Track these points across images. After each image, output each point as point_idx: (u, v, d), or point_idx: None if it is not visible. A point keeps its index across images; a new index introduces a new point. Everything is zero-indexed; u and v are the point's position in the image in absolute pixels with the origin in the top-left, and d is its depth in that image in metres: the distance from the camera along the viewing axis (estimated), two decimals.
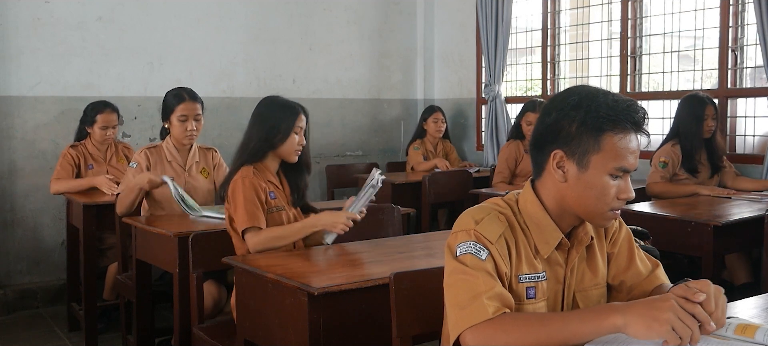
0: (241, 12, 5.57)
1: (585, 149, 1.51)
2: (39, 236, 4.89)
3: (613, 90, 5.12)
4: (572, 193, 1.55)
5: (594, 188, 1.52)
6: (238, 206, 2.71)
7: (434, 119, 5.71)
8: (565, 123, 1.53)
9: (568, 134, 1.52)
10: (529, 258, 1.59)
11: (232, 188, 2.74)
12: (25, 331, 4.41)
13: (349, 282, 2.13)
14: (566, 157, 1.54)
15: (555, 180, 1.57)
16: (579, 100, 1.52)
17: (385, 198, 4.82)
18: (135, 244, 3.40)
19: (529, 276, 1.58)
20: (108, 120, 4.38)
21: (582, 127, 1.51)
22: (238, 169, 2.78)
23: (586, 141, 1.51)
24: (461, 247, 1.52)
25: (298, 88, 5.85)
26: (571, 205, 1.57)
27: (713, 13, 4.60)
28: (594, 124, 1.49)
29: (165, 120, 3.61)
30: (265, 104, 2.91)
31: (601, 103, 1.50)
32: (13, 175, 4.78)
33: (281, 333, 2.22)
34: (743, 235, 3.42)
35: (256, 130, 2.83)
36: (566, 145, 1.53)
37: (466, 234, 1.54)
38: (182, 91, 3.62)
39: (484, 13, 5.75)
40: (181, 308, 2.98)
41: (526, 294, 1.58)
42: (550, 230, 1.59)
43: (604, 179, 1.51)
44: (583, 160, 1.52)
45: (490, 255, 1.51)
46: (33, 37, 4.78)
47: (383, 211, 3.26)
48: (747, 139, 4.54)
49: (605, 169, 1.50)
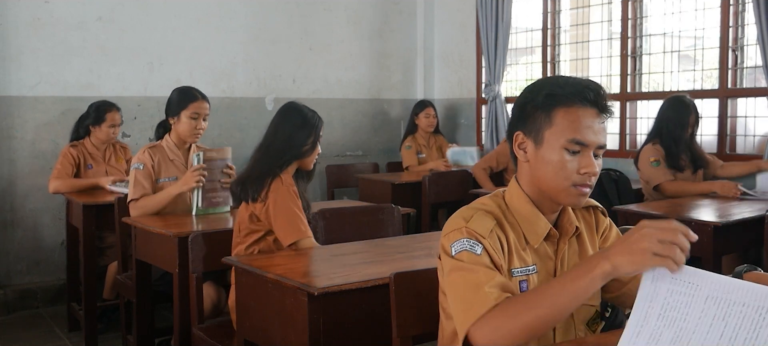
0: (241, 12, 5.57)
1: (539, 126, 1.58)
2: (39, 236, 4.89)
3: (613, 90, 5.19)
4: (536, 172, 1.60)
5: (551, 163, 1.56)
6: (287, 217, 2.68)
7: (426, 114, 5.76)
8: (522, 106, 1.62)
9: (526, 115, 1.61)
10: (519, 252, 1.61)
11: (276, 198, 2.70)
12: (25, 331, 4.41)
13: (349, 282, 2.13)
14: (525, 136, 1.61)
15: (523, 165, 1.64)
16: (534, 84, 1.64)
17: (385, 198, 4.82)
18: (135, 244, 3.40)
19: (520, 270, 1.60)
20: (116, 119, 4.44)
21: (534, 105, 1.59)
22: (275, 177, 2.74)
23: (539, 117, 1.58)
24: (456, 245, 1.54)
25: (298, 88, 5.85)
26: (539, 185, 1.61)
27: (713, 13, 4.60)
28: (544, 101, 1.57)
29: (172, 116, 3.57)
30: (296, 111, 2.87)
31: (553, 83, 1.59)
32: (13, 175, 4.78)
33: (281, 333, 2.22)
34: (743, 235, 3.42)
35: (291, 136, 2.81)
36: (524, 125, 1.61)
37: (459, 232, 1.55)
38: (194, 90, 3.62)
39: (484, 13, 5.75)
40: (181, 308, 2.98)
41: (519, 288, 1.59)
42: (538, 219, 1.63)
43: (560, 153, 1.55)
44: (539, 137, 1.58)
45: (485, 249, 1.53)
46: (33, 37, 4.78)
47: (383, 211, 3.26)
48: (747, 139, 4.54)
49: (559, 143, 1.55)
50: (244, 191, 2.77)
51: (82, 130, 4.46)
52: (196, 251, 2.83)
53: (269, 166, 2.76)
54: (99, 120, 4.39)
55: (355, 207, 3.38)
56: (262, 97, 5.69)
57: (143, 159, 3.53)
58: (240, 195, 2.79)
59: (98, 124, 4.40)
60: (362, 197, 5.17)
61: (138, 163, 3.52)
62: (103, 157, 4.50)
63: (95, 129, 4.41)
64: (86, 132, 4.45)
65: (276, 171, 2.75)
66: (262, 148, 2.84)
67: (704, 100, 4.66)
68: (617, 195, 4.12)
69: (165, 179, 3.57)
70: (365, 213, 3.26)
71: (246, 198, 2.76)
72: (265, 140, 2.85)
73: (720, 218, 3.32)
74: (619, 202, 4.01)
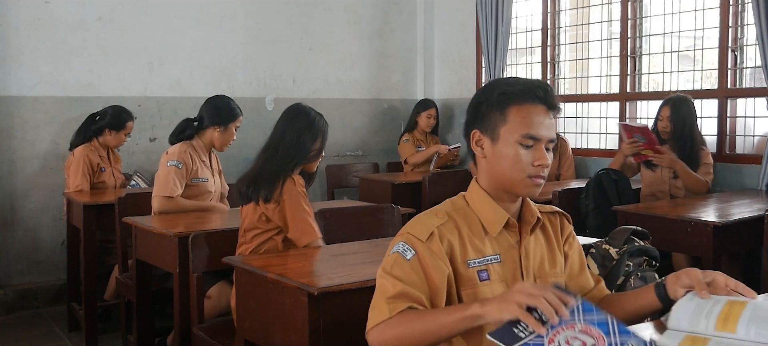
0: (241, 12, 5.57)
1: (494, 123, 1.68)
2: (39, 236, 4.89)
3: (613, 90, 5.19)
4: (493, 167, 1.70)
5: (507, 157, 1.66)
6: (300, 217, 2.72)
7: (428, 114, 5.81)
8: (477, 106, 1.72)
9: (481, 114, 1.70)
10: (473, 243, 1.68)
11: (291, 198, 2.72)
12: (25, 331, 4.41)
13: (349, 282, 2.13)
14: (482, 134, 1.70)
15: (480, 161, 1.73)
16: (486, 86, 1.75)
17: (385, 198, 4.82)
18: (135, 244, 3.40)
19: (477, 260, 1.68)
20: (131, 128, 4.55)
21: (488, 104, 1.69)
22: (287, 177, 2.75)
23: (494, 116, 1.68)
24: (395, 247, 1.65)
25: (298, 88, 5.85)
26: (497, 179, 1.70)
27: (713, 13, 4.59)
28: (498, 100, 1.67)
29: (219, 125, 3.69)
30: (304, 114, 2.89)
31: (505, 83, 1.71)
32: (13, 175, 4.78)
33: (281, 333, 2.22)
34: (743, 235, 3.42)
35: (299, 138, 2.83)
36: (480, 124, 1.71)
37: (400, 236, 1.67)
38: (237, 105, 3.80)
39: (484, 13, 5.75)
40: (181, 308, 2.98)
41: (478, 278, 1.67)
42: (494, 209, 1.71)
43: (515, 147, 1.65)
44: (495, 134, 1.68)
45: (417, 254, 1.62)
46: (33, 37, 4.78)
47: (383, 211, 3.27)
48: (746, 139, 4.54)
49: (513, 138, 1.65)
50: (256, 191, 2.77)
51: (94, 130, 4.45)
52: (196, 251, 2.83)
53: (280, 167, 2.77)
54: (118, 126, 4.44)
55: (355, 207, 3.39)
56: (262, 97, 5.69)
57: (184, 159, 3.61)
58: (250, 195, 2.79)
59: (116, 130, 4.43)
60: (362, 197, 5.17)
61: (177, 161, 3.58)
62: (108, 159, 4.53)
63: (110, 133, 4.43)
64: (98, 132, 4.45)
65: (288, 172, 2.77)
66: (271, 149, 2.84)
67: (704, 101, 4.67)
68: (617, 196, 4.12)
69: (198, 179, 3.68)
70: (365, 213, 3.26)
71: (257, 198, 2.76)
72: (273, 141, 2.86)
73: (720, 218, 3.32)
74: (618, 202, 4.01)
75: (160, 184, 3.58)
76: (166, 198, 3.55)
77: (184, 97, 5.30)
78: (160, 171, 3.64)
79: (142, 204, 3.79)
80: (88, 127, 4.47)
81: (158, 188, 3.57)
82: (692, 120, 4.19)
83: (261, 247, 2.79)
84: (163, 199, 3.55)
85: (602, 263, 2.08)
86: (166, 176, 3.57)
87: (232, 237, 2.94)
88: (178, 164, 3.58)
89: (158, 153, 5.19)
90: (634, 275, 2.05)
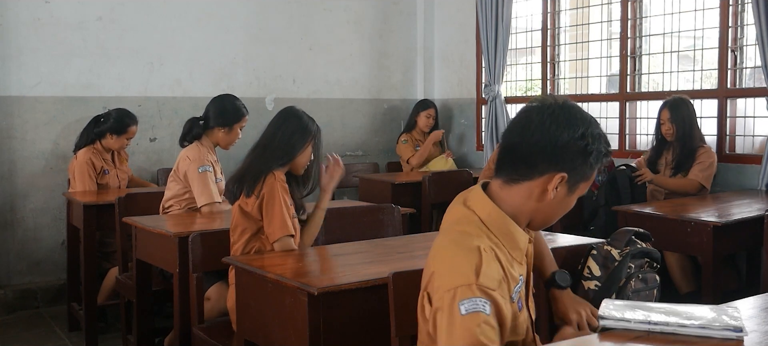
0: (241, 12, 5.57)
1: (581, 178, 1.61)
2: (39, 236, 4.89)
3: (613, 90, 5.19)
4: (548, 210, 1.62)
5: (567, 207, 1.64)
6: (275, 211, 2.71)
7: (427, 115, 5.81)
8: (573, 150, 1.58)
9: (575, 163, 1.59)
10: (511, 273, 1.60)
11: (270, 191, 2.73)
12: (25, 331, 4.41)
13: (349, 282, 2.13)
14: (566, 181, 1.60)
15: (535, 195, 1.61)
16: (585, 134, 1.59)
17: (385, 198, 4.82)
18: (135, 244, 3.40)
19: (515, 290, 1.60)
20: (134, 132, 4.53)
21: (588, 160, 1.59)
22: (269, 172, 2.77)
23: (585, 172, 1.61)
24: (466, 304, 1.47)
25: (298, 88, 5.85)
26: (533, 215, 1.64)
27: (713, 13, 4.59)
28: (596, 159, 1.60)
29: (225, 126, 3.72)
30: (295, 116, 2.91)
31: (603, 141, 1.62)
32: (13, 175, 4.78)
33: (281, 333, 2.22)
34: (743, 235, 3.42)
35: (288, 139, 2.85)
36: (571, 170, 1.59)
37: (469, 290, 1.48)
38: (242, 103, 3.82)
39: (484, 13, 5.75)
40: (181, 308, 2.98)
41: (517, 308, 1.61)
42: (519, 233, 1.63)
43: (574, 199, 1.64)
44: (575, 187, 1.62)
45: (493, 305, 1.49)
46: (33, 37, 4.77)
47: (383, 211, 3.26)
48: (746, 140, 4.54)
49: (579, 192, 1.63)
50: (240, 187, 2.80)
51: (97, 133, 4.45)
52: (196, 251, 2.83)
53: (266, 165, 2.80)
54: (120, 131, 4.44)
55: (355, 207, 3.39)
56: (262, 97, 5.69)
57: (212, 162, 3.67)
58: (234, 192, 2.82)
59: (118, 134, 4.43)
60: (362, 197, 5.17)
61: (207, 165, 3.62)
62: (113, 161, 4.54)
63: (112, 137, 4.43)
64: (100, 135, 4.45)
65: (273, 169, 2.78)
66: (260, 148, 2.88)
67: (704, 101, 4.67)
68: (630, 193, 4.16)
69: (215, 180, 3.69)
70: (365, 213, 3.26)
71: (239, 194, 2.79)
72: (263, 140, 2.89)
73: (720, 218, 3.32)
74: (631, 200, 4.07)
75: (203, 192, 3.58)
76: (214, 204, 3.58)
77: (184, 97, 5.30)
78: (195, 179, 3.60)
79: (142, 204, 3.80)
80: (91, 129, 4.47)
81: (204, 196, 3.57)
82: (692, 120, 4.20)
83: (249, 245, 2.79)
84: (213, 205, 3.58)
85: (604, 264, 2.08)
86: (203, 182, 3.59)
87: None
88: (208, 169, 3.63)
89: (158, 153, 5.21)
90: (635, 276, 2.05)
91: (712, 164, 4.15)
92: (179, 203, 3.66)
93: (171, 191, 3.70)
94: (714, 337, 1.46)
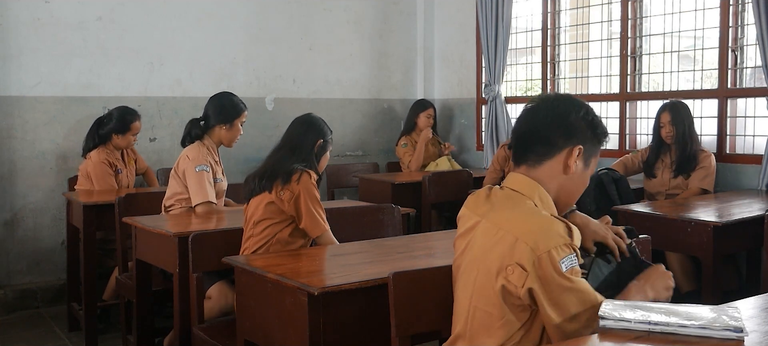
0: (241, 12, 5.57)
1: (592, 152, 1.85)
2: (39, 236, 4.89)
3: (613, 90, 5.19)
4: (570, 185, 1.83)
5: (585, 183, 1.85)
6: (317, 208, 2.84)
7: (427, 115, 5.80)
8: (582, 126, 1.81)
9: (585, 136, 1.82)
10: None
11: (307, 189, 2.82)
12: (25, 331, 4.41)
13: (349, 282, 2.13)
14: (582, 154, 1.80)
15: (558, 172, 1.80)
16: (588, 112, 1.85)
17: (385, 198, 4.83)
18: (135, 244, 3.40)
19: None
20: (138, 128, 4.55)
21: (594, 135, 1.84)
22: (304, 171, 2.85)
23: (594, 146, 1.85)
24: (566, 261, 1.65)
25: (298, 89, 5.85)
26: (559, 193, 1.82)
27: (713, 13, 4.59)
28: (603, 133, 1.87)
29: (225, 123, 3.72)
30: (320, 126, 3.06)
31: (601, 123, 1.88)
32: (13, 175, 4.78)
33: (281, 333, 2.22)
34: (743, 235, 3.42)
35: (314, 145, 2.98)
36: (584, 142, 1.81)
37: (568, 248, 1.66)
38: (240, 100, 3.83)
39: (484, 13, 5.75)
40: (181, 308, 2.98)
41: None
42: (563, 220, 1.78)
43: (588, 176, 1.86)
44: (589, 161, 1.84)
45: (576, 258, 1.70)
46: (33, 37, 4.78)
47: (383, 211, 3.27)
48: (747, 140, 4.53)
49: (591, 170, 1.87)
50: (270, 181, 2.84)
51: (102, 135, 4.46)
52: (196, 251, 2.83)
53: (296, 165, 2.87)
54: (123, 129, 4.46)
55: (355, 207, 3.39)
56: (262, 97, 5.69)
57: (210, 162, 3.66)
58: (263, 186, 2.85)
59: (122, 133, 4.44)
60: (362, 197, 5.17)
61: (204, 165, 3.62)
62: (123, 160, 4.55)
63: (118, 136, 4.45)
64: (107, 137, 4.46)
65: (305, 166, 2.89)
66: (286, 149, 2.94)
67: (704, 101, 4.67)
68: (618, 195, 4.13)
69: (216, 180, 3.70)
70: (365, 213, 3.27)
71: (271, 188, 2.83)
72: (289, 143, 2.96)
73: (720, 218, 3.32)
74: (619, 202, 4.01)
75: (198, 191, 3.58)
76: (209, 203, 3.58)
77: (184, 97, 5.30)
78: (191, 178, 3.60)
79: (143, 204, 3.80)
80: (95, 131, 4.48)
81: (198, 195, 3.57)
82: (691, 122, 4.22)
83: (272, 239, 2.83)
84: (207, 205, 3.58)
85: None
86: (200, 181, 3.58)
87: (232, 237, 2.94)
88: (206, 168, 3.61)
89: (158, 153, 5.21)
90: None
91: (714, 169, 4.19)
92: (180, 201, 3.67)
93: (172, 189, 3.70)
94: (714, 337, 1.46)
